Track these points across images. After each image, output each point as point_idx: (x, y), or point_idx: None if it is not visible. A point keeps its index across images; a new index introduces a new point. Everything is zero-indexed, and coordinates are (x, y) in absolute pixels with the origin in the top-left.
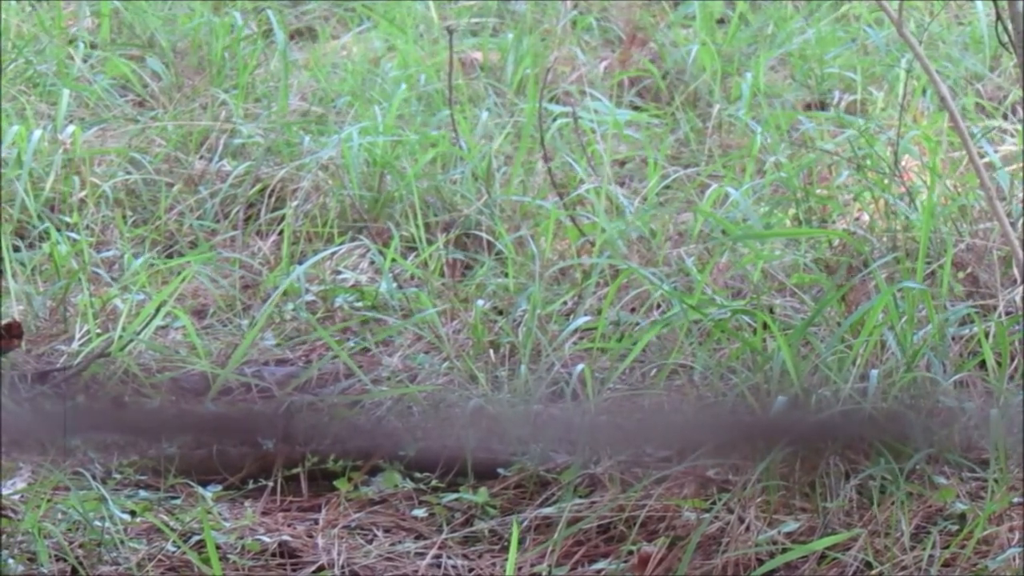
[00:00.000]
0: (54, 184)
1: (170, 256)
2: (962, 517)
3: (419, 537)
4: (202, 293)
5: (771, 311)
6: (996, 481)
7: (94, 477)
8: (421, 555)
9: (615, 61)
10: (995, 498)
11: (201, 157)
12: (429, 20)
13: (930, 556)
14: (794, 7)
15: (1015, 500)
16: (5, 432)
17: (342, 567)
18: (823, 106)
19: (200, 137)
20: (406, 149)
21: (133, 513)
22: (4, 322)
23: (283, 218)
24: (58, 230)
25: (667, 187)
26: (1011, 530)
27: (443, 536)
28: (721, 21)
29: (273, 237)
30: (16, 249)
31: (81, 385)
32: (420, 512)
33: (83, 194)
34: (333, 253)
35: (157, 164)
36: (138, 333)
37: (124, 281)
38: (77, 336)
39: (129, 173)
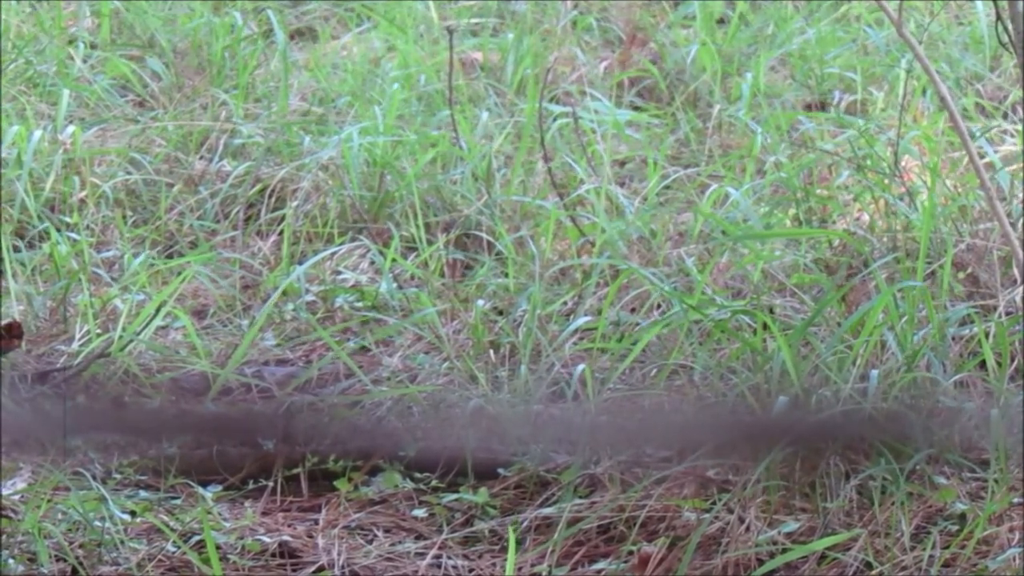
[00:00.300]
0: (54, 184)
1: (170, 256)
2: (962, 517)
3: (419, 537)
4: (202, 293)
5: (771, 311)
6: (996, 481)
7: (94, 477)
8: (421, 555)
9: (615, 61)
10: (995, 498)
11: (201, 157)
12: (429, 20)
13: (930, 556)
14: (794, 7)
15: (1015, 500)
16: (5, 432)
17: (342, 567)
18: (823, 106)
19: (200, 137)
20: (406, 149)
21: (133, 513)
22: (4, 322)
23: (283, 218)
24: (58, 230)
25: (667, 187)
26: (1011, 530)
27: (443, 536)
28: (721, 21)
29: (273, 237)
30: (16, 249)
31: (81, 385)
32: (420, 512)
33: (83, 194)
34: (333, 253)
35: (157, 164)
36: (138, 333)
37: (124, 281)
38: (77, 336)
39: (129, 173)
